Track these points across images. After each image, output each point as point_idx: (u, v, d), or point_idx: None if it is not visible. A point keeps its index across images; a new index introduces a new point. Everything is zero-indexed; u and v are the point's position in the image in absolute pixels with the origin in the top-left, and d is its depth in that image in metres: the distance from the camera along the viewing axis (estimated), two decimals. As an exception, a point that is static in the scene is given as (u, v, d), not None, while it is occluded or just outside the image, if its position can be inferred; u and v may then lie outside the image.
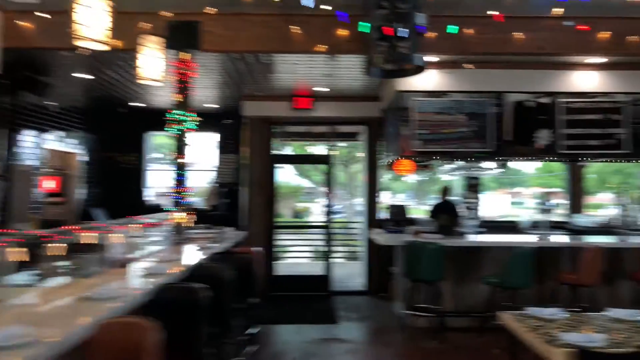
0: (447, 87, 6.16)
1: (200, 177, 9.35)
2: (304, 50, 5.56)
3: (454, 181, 8.45)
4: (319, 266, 7.90)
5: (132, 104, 8.50)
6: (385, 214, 7.53)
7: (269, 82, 7.17)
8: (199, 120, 5.10)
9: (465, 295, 5.84)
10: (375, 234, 6.88)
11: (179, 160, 4.98)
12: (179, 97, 4.97)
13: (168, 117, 4.93)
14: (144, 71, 4.62)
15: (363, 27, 4.67)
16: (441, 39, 5.69)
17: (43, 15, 4.79)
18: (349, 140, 10.46)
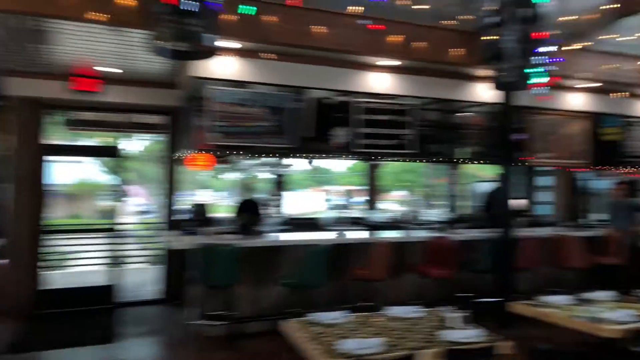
0: (248, 77, 5.79)
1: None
2: (74, 16, 4.62)
3: (264, 178, 8.20)
4: (108, 275, 6.84)
5: None
6: (188, 213, 6.89)
7: (41, 55, 5.90)
8: None
9: (262, 299, 5.56)
10: (170, 235, 6.21)
11: None
12: None
13: None
14: None
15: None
16: (242, 23, 5.31)
17: None
18: (152, 132, 9.49)
